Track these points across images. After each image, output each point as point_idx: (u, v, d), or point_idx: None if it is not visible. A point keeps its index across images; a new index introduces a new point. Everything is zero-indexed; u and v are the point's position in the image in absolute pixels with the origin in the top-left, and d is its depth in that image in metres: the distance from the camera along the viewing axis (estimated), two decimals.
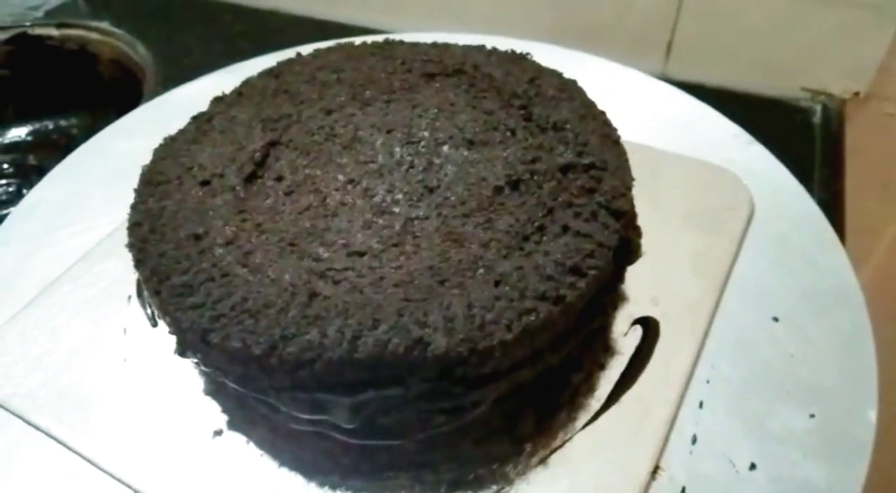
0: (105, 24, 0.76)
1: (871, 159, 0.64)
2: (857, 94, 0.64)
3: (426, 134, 0.37)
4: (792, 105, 0.65)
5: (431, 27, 0.73)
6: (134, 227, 0.35)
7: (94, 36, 0.75)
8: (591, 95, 0.41)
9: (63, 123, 0.80)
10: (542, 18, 0.70)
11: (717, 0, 0.63)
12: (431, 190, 0.35)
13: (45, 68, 0.77)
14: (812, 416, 0.35)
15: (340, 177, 0.36)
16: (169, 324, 0.32)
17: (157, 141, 0.40)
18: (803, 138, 0.62)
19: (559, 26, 0.70)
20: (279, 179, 0.36)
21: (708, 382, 0.37)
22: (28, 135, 0.80)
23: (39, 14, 0.80)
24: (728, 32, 0.65)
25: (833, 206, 0.55)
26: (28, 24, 0.77)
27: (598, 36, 0.68)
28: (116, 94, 0.74)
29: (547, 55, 0.44)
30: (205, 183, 0.36)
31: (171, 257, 0.33)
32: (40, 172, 0.76)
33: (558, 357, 0.33)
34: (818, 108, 0.64)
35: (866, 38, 0.61)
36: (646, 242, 0.39)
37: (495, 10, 0.71)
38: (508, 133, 0.37)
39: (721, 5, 0.63)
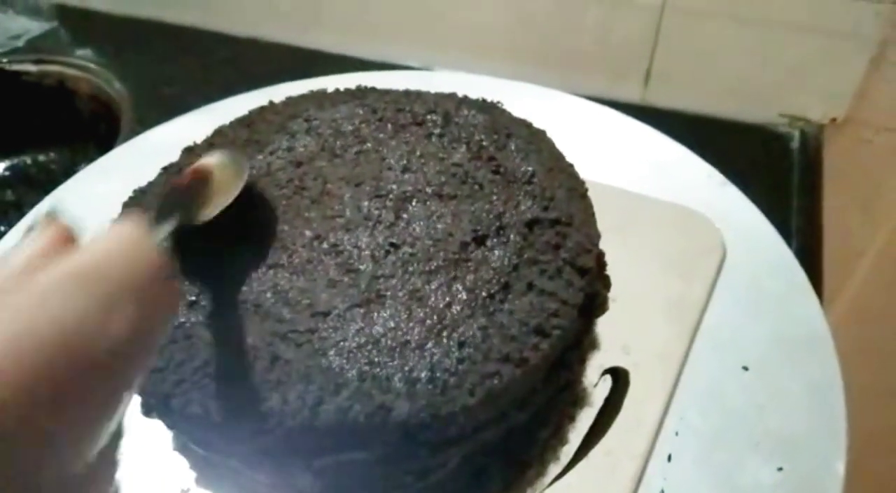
0: (82, 58, 0.76)
1: (849, 184, 0.64)
2: (834, 119, 0.65)
3: (394, 187, 0.37)
4: (770, 131, 0.65)
5: (409, 57, 0.73)
6: None
7: (71, 71, 0.74)
8: (566, 136, 0.42)
9: (42, 158, 0.79)
10: (524, 47, 0.70)
11: (695, 28, 0.64)
12: (398, 246, 0.35)
13: (22, 104, 0.77)
14: (780, 469, 0.35)
15: (307, 233, 0.36)
16: None
17: (133, 183, 0.40)
18: (782, 164, 0.62)
19: (541, 55, 0.70)
20: None
21: (677, 434, 0.37)
22: (6, 170, 0.79)
23: (20, 44, 0.80)
24: (706, 60, 0.65)
25: (812, 231, 0.56)
26: (5, 60, 0.77)
27: (578, 64, 0.69)
28: (95, 128, 0.74)
29: (523, 94, 0.45)
30: None
31: None
32: (19, 208, 0.76)
33: (524, 416, 0.33)
34: (796, 133, 0.65)
35: (844, 65, 0.61)
36: (617, 288, 0.39)
37: (477, 39, 0.72)
38: (476, 186, 0.37)
39: (699, 33, 0.64)
